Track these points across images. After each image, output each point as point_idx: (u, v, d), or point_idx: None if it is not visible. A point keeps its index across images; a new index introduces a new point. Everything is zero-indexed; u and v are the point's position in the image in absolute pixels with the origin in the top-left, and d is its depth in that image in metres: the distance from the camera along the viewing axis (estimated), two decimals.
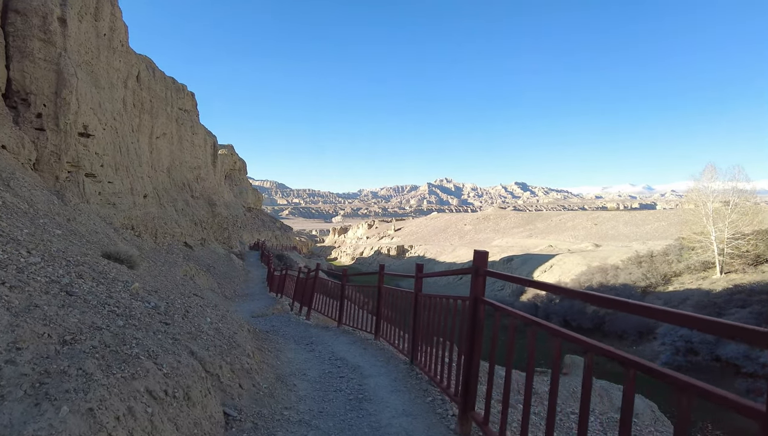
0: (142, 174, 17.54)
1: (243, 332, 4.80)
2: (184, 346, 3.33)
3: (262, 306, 14.26)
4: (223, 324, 4.40)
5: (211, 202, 29.64)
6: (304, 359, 5.96)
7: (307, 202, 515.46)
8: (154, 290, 4.60)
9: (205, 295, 11.88)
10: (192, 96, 31.68)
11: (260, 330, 7.78)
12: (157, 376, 2.68)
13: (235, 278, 21.50)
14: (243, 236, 51.16)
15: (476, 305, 3.56)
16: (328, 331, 8.61)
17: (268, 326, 9.97)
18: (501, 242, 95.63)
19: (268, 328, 9.55)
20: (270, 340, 6.88)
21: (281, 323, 10.36)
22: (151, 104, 25.09)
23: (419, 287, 5.30)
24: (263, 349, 5.47)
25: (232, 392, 3.46)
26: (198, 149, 30.53)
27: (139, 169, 17.38)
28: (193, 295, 8.04)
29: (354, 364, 5.75)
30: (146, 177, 18.67)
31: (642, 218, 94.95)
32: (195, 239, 25.47)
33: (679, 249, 47.58)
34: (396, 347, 6.13)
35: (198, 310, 4.46)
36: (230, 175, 67.00)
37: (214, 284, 15.19)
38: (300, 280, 12.98)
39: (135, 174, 16.94)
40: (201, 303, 5.00)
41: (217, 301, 12.77)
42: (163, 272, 9.96)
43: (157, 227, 17.78)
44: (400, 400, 4.36)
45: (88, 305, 3.21)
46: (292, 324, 10.02)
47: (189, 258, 19.08)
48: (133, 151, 17.43)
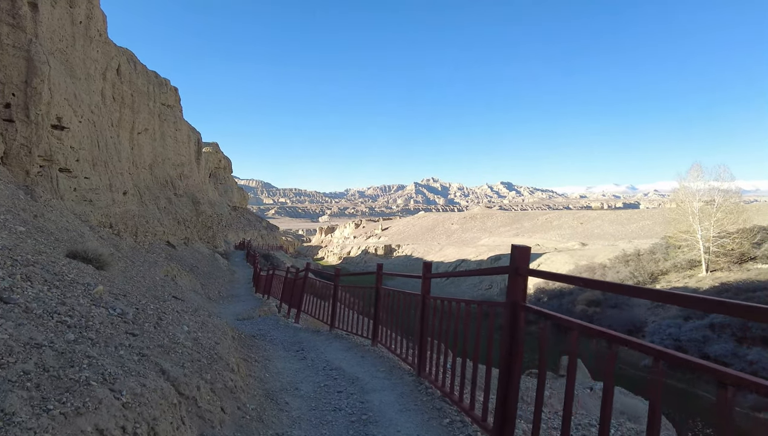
0: (121, 170, 16.68)
1: (226, 340, 4.16)
2: (154, 363, 2.71)
3: (248, 308, 13.57)
4: (203, 333, 3.76)
5: (195, 201, 28.73)
6: (295, 369, 5.33)
7: (294, 201, 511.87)
8: (122, 294, 3.94)
9: (187, 297, 11.16)
10: (175, 91, 30.71)
11: (246, 335, 7.13)
12: (112, 408, 2.06)
13: (220, 278, 20.71)
14: (228, 235, 50.11)
15: (515, 311, 2.99)
16: (320, 335, 7.97)
17: (255, 329, 9.32)
18: (488, 241, 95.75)
19: (255, 332, 8.90)
20: (257, 347, 6.24)
21: (268, 326, 9.71)
22: (132, 98, 24.16)
23: (427, 289, 4.65)
24: (249, 359, 4.83)
25: (213, 418, 2.83)
26: (181, 146, 29.60)
27: (119, 165, 16.52)
28: (172, 298, 7.37)
29: (352, 375, 5.12)
30: (126, 173, 17.81)
31: (627, 218, 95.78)
32: (178, 238, 24.60)
33: (666, 248, 47.91)
34: (398, 355, 5.53)
35: (174, 316, 3.81)
36: (215, 173, 65.77)
37: (197, 284, 14.42)
38: (288, 280, 12.30)
39: (114, 170, 16.10)
40: (179, 308, 4.35)
41: (200, 303, 12.04)
42: (141, 272, 9.24)
43: (138, 226, 16.94)
44: (412, 422, 3.72)
45: (29, 314, 2.56)
46: (281, 328, 9.38)
47: (171, 258, 18.27)
48: (113, 145, 16.57)
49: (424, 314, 4.62)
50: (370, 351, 6.39)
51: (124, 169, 17.26)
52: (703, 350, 30.63)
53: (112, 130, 18.24)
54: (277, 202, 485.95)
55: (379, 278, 6.44)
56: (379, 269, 6.42)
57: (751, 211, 48.44)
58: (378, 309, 6.40)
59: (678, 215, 46.26)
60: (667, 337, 33.99)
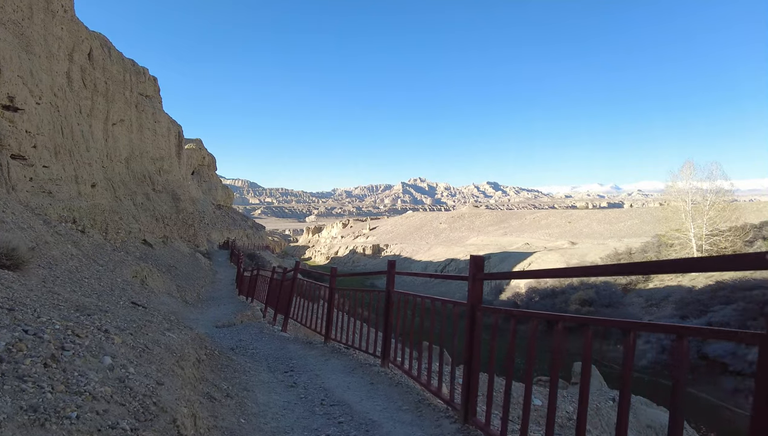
0: (90, 160, 15.08)
1: (181, 372, 2.82)
2: None
3: (229, 313, 12.13)
4: (139, 365, 2.39)
5: (175, 197, 27.07)
6: (283, 404, 3.94)
7: (281, 201, 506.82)
8: (9, 308, 2.56)
9: (157, 301, 9.70)
10: (154, 81, 28.98)
11: (222, 350, 5.74)
12: None
13: (200, 279, 19.16)
14: (212, 234, 48.28)
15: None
16: (313, 349, 6.57)
17: (234, 340, 7.92)
18: (476, 240, 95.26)
19: (234, 343, 7.50)
20: (233, 368, 4.86)
21: (251, 335, 8.31)
22: (107, 86, 22.46)
23: (478, 297, 3.45)
24: (218, 395, 3.42)
25: None
26: (161, 139, 27.90)
27: (86, 155, 14.93)
28: (130, 304, 5.97)
29: (364, 416, 3.68)
30: (96, 164, 16.21)
31: (615, 216, 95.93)
32: (156, 236, 22.97)
33: (658, 246, 47.55)
34: (425, 384, 4.08)
35: (94, 340, 2.42)
36: (199, 170, 63.77)
37: (172, 286, 12.90)
38: (274, 282, 10.87)
39: (81, 160, 14.51)
40: (113, 325, 2.99)
41: (173, 308, 10.57)
42: (97, 274, 7.82)
43: (109, 221, 15.37)
44: None
45: None
46: (265, 337, 7.98)
47: (146, 257, 16.71)
48: (80, 134, 14.97)
49: (473, 331, 3.36)
50: (381, 375, 4.96)
51: (93, 159, 15.65)
52: (702, 350, 29.93)
53: (81, 118, 16.64)
54: (263, 202, 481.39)
55: (390, 280, 5.06)
56: (391, 268, 5.00)
57: (744, 210, 48.27)
58: (389, 319, 5.03)
59: (670, 213, 46.02)
60: (664, 336, 33.24)
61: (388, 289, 5.01)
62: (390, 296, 5.06)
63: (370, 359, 5.73)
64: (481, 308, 3.43)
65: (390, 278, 5.01)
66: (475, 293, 3.55)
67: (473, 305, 3.45)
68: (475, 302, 3.46)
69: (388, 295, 5.03)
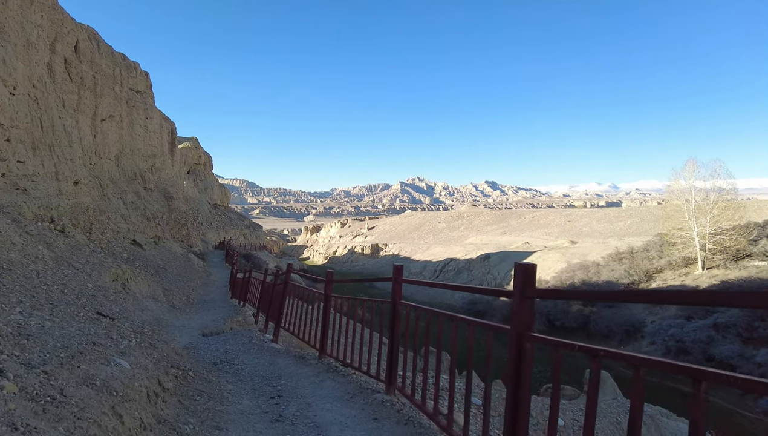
0: (72, 156, 14.20)
1: (111, 424, 1.98)
2: None
3: (219, 318, 11.30)
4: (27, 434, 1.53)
5: (168, 196, 26.18)
6: None
7: (279, 201, 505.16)
8: None
9: (136, 308, 8.86)
10: (146, 76, 28.09)
11: (196, 370, 4.90)
12: None
13: (192, 281, 18.30)
14: (207, 234, 47.36)
15: None
16: (306, 365, 5.72)
17: (219, 351, 7.09)
18: (475, 239, 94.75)
19: (219, 356, 6.67)
20: (207, 394, 4.03)
21: (239, 346, 7.48)
22: (95, 81, 21.59)
23: (527, 322, 2.55)
24: None
25: None
26: (153, 136, 27.01)
27: (69, 151, 14.06)
28: (96, 315, 5.13)
29: None
30: (79, 160, 15.34)
31: (615, 215, 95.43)
32: (147, 237, 22.09)
33: (660, 245, 46.89)
34: (445, 427, 3.14)
35: None
36: (194, 169, 62.86)
37: (158, 290, 12.02)
38: (266, 285, 10.01)
39: (63, 156, 13.65)
40: (23, 359, 2.19)
41: (157, 313, 9.74)
42: (64, 279, 6.98)
43: (93, 221, 14.50)
44: None
45: None
46: (254, 349, 7.14)
47: (133, 258, 15.85)
48: (62, 128, 14.11)
49: (521, 371, 2.51)
50: (387, 406, 4.07)
51: (76, 155, 14.76)
52: (708, 352, 29.24)
53: (65, 112, 15.78)
54: (261, 202, 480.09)
55: (397, 289, 4.16)
56: (398, 275, 4.12)
57: (746, 208, 47.65)
58: (395, 336, 4.17)
59: (672, 212, 45.40)
60: (669, 338, 32.52)
61: (394, 299, 4.14)
62: (396, 309, 4.18)
63: (372, 382, 4.83)
64: (531, 337, 2.58)
65: (396, 287, 4.15)
66: (524, 315, 2.64)
67: (520, 333, 2.62)
68: (522, 330, 2.62)
69: (394, 307, 4.17)
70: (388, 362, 4.18)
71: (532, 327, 2.66)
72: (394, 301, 4.16)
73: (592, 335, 36.84)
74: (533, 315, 2.68)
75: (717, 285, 36.12)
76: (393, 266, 4.27)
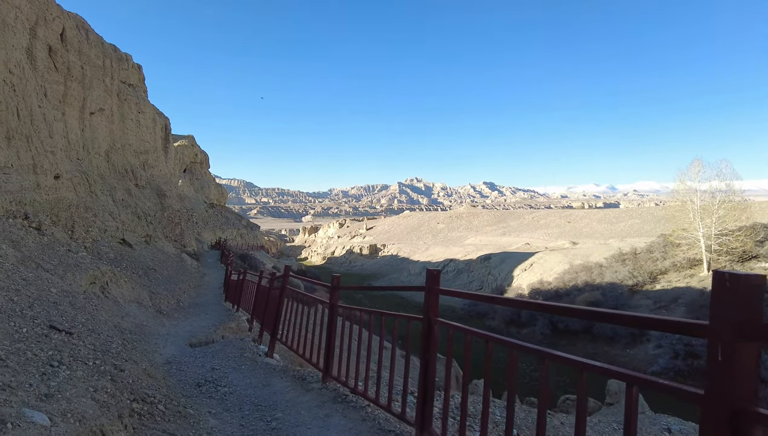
0: (53, 148, 13.15)
1: None
2: None
3: (210, 325, 10.26)
4: None
5: (161, 193, 25.10)
6: None
7: (277, 201, 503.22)
8: None
9: (113, 314, 7.83)
10: (139, 69, 27.01)
11: (174, 396, 3.89)
12: None
13: (184, 282, 17.24)
14: (203, 234, 46.20)
15: None
16: (307, 391, 4.62)
17: (206, 368, 6.06)
18: (475, 240, 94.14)
19: (203, 374, 5.65)
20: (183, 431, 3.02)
21: (228, 360, 6.46)
22: (83, 71, 20.54)
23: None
24: None
25: None
26: (145, 131, 25.94)
27: (49, 142, 13.01)
28: (48, 330, 4.11)
29: None
30: (61, 153, 14.29)
31: (615, 216, 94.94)
32: (138, 236, 21.03)
33: (664, 246, 46.07)
34: None
35: None
36: (191, 168, 61.74)
37: (144, 293, 10.93)
38: (261, 289, 8.95)
39: (43, 147, 12.61)
40: None
41: (141, 320, 8.70)
42: (26, 282, 5.95)
43: (76, 218, 13.46)
44: None
45: None
46: (246, 365, 6.12)
47: (120, 259, 14.81)
48: (41, 117, 13.07)
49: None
50: None
51: (58, 147, 13.71)
52: None
53: (47, 102, 14.74)
54: (259, 202, 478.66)
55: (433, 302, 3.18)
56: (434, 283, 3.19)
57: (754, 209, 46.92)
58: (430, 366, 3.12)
59: (677, 212, 44.69)
60: (677, 341, 31.55)
61: (428, 317, 3.07)
62: (433, 330, 3.18)
63: (395, 423, 3.73)
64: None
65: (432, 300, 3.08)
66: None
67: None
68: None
69: (428, 326, 3.15)
70: (420, 400, 3.13)
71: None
72: (428, 318, 3.13)
73: (596, 338, 35.90)
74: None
75: None
76: (427, 271, 3.23)
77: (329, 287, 4.85)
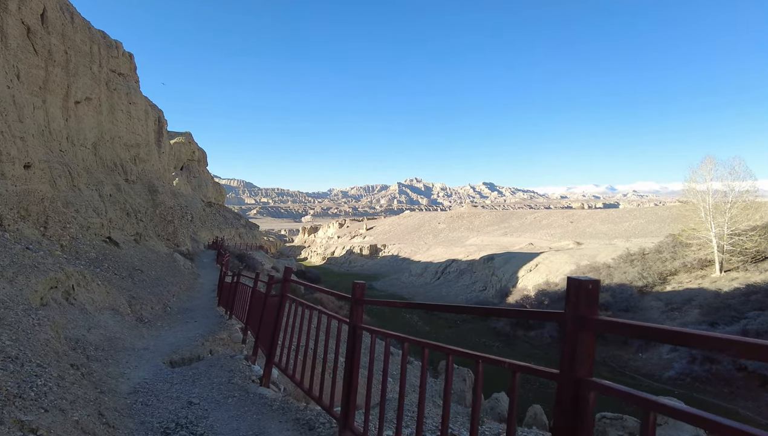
0: (23, 134, 11.69)
1: None
2: None
3: (197, 335, 8.77)
4: None
5: (152, 189, 23.62)
6: None
7: (276, 201, 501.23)
8: None
9: (74, 325, 6.36)
10: (130, 57, 25.51)
11: None
12: None
13: (174, 285, 15.74)
14: (200, 233, 44.72)
15: None
16: None
17: (182, 401, 4.59)
18: (476, 240, 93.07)
19: (176, 412, 4.19)
20: None
21: (211, 390, 4.98)
22: (67, 56, 19.03)
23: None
24: None
25: None
26: (137, 123, 24.44)
27: (18, 127, 11.53)
28: None
29: None
30: (34, 140, 12.81)
31: (618, 216, 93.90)
32: (126, 234, 19.55)
33: (673, 246, 44.81)
34: None
35: None
36: (188, 166, 60.23)
37: (121, 298, 9.38)
38: (257, 294, 7.37)
39: (10, 132, 11.13)
40: None
41: (114, 330, 7.20)
42: None
43: (50, 213, 11.98)
44: None
45: None
46: (233, 398, 4.63)
47: (102, 259, 13.33)
48: (10, 100, 11.61)
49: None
50: None
51: (29, 133, 12.24)
52: (739, 361, 27.05)
53: (21, 87, 13.27)
54: (259, 202, 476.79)
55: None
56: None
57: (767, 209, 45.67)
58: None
59: (688, 211, 43.55)
60: None
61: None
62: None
63: None
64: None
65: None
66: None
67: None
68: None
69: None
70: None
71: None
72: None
73: (609, 342, 34.55)
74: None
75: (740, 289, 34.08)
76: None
77: (348, 298, 3.37)
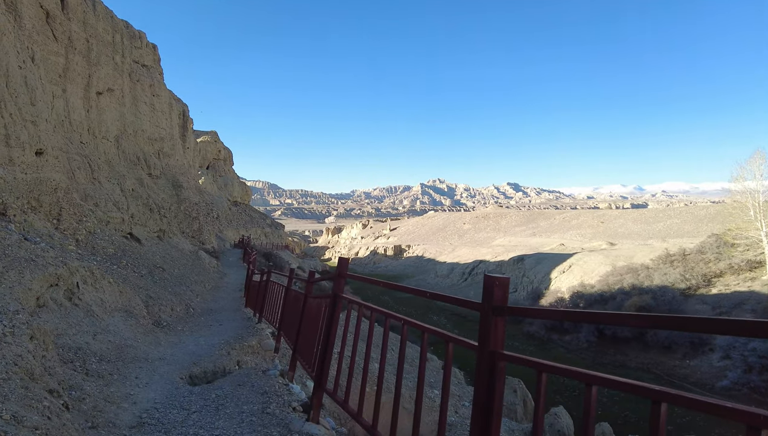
0: (35, 118, 10.70)
1: None
2: None
3: (222, 342, 7.50)
4: None
5: (177, 184, 22.73)
6: None
7: (300, 202, 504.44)
8: None
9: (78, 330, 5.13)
10: (154, 49, 24.74)
11: None
12: None
13: (199, 284, 14.63)
14: (226, 232, 44.05)
15: None
16: None
17: None
18: (503, 240, 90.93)
19: None
20: None
21: (240, 426, 3.62)
22: (89, 45, 18.23)
23: None
24: None
25: None
26: (160, 116, 23.61)
27: (30, 110, 10.54)
28: None
29: None
30: (47, 124, 11.83)
31: (651, 216, 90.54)
32: (149, 230, 18.60)
33: (717, 246, 42.11)
34: None
35: None
36: (214, 165, 59.91)
37: (135, 299, 8.19)
38: (292, 295, 5.97)
39: (20, 115, 10.15)
40: None
41: (125, 337, 6.00)
42: None
43: (64, 205, 10.98)
44: None
45: None
46: None
47: (121, 255, 12.28)
48: (22, 81, 10.64)
49: None
50: None
51: (42, 117, 11.27)
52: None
53: (32, 67, 12.33)
54: (283, 203, 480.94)
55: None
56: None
57: None
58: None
59: (735, 210, 40.91)
60: (750, 352, 27.61)
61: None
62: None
63: None
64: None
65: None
66: None
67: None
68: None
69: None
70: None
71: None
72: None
73: (649, 347, 32.33)
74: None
75: None
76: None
77: (475, 304, 1.94)
